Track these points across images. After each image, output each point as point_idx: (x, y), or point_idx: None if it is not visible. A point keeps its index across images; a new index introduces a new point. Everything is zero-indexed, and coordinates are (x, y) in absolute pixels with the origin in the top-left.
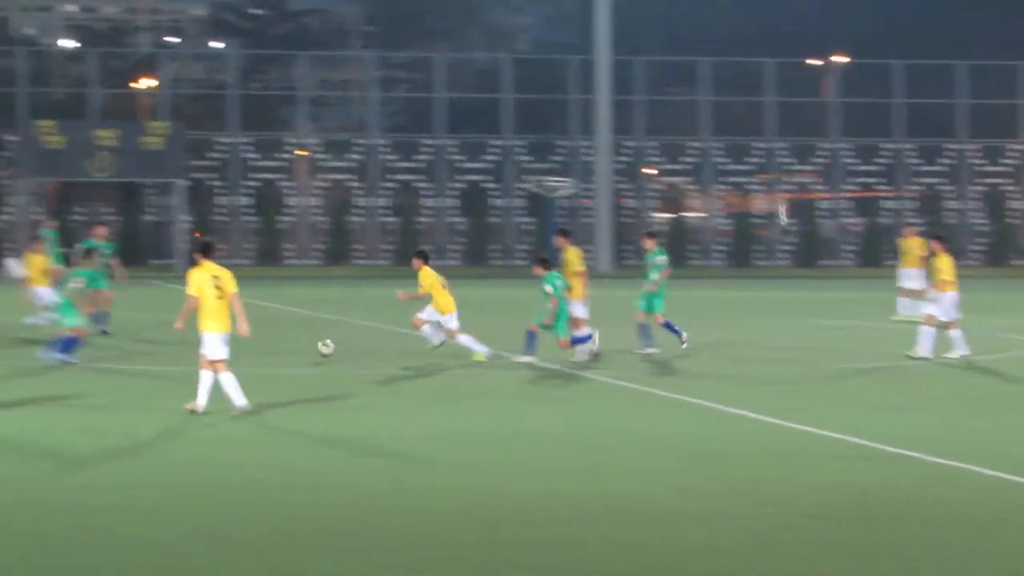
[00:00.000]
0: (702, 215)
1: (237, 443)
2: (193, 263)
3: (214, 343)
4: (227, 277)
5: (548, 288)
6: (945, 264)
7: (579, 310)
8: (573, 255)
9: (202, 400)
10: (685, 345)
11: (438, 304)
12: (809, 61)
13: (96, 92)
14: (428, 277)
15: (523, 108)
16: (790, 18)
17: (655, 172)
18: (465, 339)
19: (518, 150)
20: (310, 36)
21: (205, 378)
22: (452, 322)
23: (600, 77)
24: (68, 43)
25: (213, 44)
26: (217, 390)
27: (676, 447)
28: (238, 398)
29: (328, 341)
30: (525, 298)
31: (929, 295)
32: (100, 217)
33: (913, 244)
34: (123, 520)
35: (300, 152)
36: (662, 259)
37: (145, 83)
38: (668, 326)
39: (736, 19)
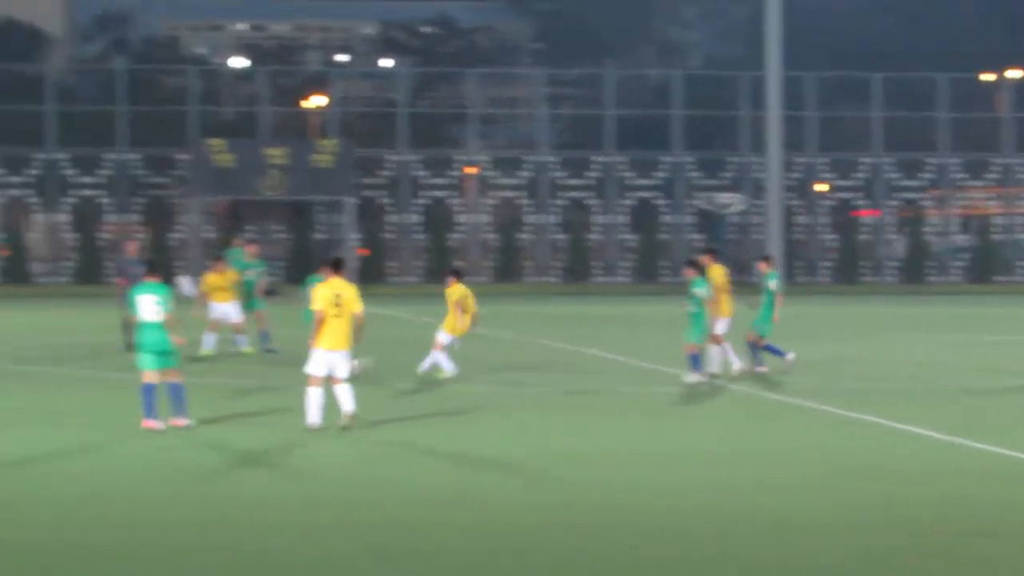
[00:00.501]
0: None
1: (397, 461)
2: (322, 277)
3: (322, 360)
4: (351, 295)
5: (699, 291)
6: None
7: (721, 327)
8: (718, 273)
9: (315, 417)
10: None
11: (448, 321)
12: (982, 76)
13: (266, 110)
14: (453, 294)
15: (693, 124)
16: (963, 33)
17: (826, 188)
18: (439, 356)
19: (688, 166)
20: (479, 53)
21: (314, 395)
22: (446, 338)
23: (771, 93)
24: (238, 62)
25: (382, 62)
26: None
27: (835, 462)
28: (347, 404)
29: (355, 361)
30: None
31: None
32: (271, 235)
33: None
34: (287, 538)
35: (469, 169)
36: (773, 283)
37: (315, 101)
38: (769, 348)
39: (908, 34)
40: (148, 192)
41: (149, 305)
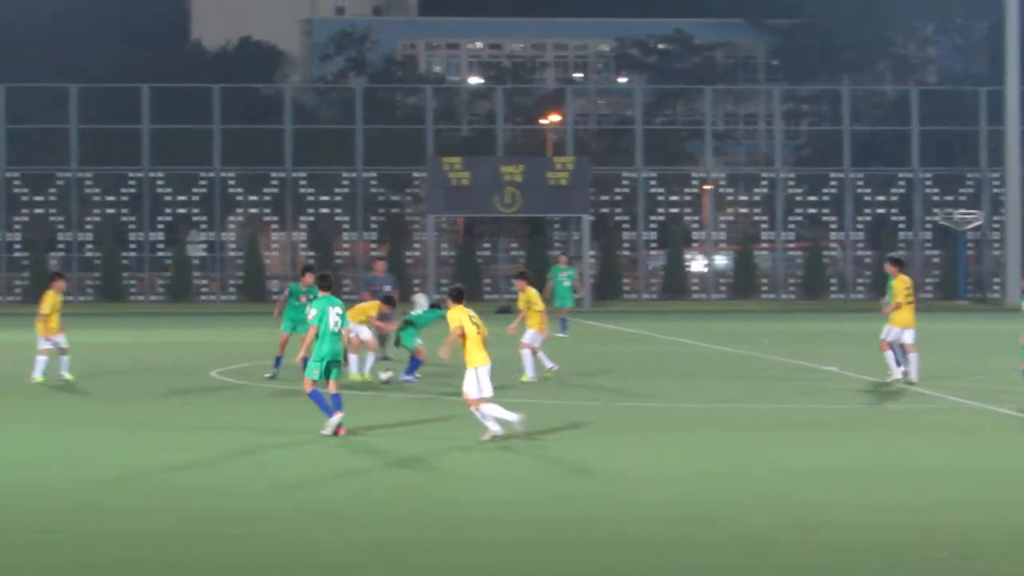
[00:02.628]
0: None
1: (629, 478)
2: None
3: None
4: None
5: None
6: None
7: (909, 336)
8: (898, 284)
9: (494, 427)
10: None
11: (531, 322)
12: None
13: (502, 128)
14: (529, 296)
15: (931, 140)
16: None
17: None
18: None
19: (926, 182)
20: (715, 70)
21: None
22: (537, 340)
23: (1010, 107)
24: (475, 80)
25: (619, 79)
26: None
27: None
28: (509, 416)
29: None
30: (932, 331)
31: None
32: (509, 253)
33: None
34: (484, 555)
35: (706, 186)
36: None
37: (551, 118)
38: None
39: None
40: (385, 210)
41: (334, 317)
